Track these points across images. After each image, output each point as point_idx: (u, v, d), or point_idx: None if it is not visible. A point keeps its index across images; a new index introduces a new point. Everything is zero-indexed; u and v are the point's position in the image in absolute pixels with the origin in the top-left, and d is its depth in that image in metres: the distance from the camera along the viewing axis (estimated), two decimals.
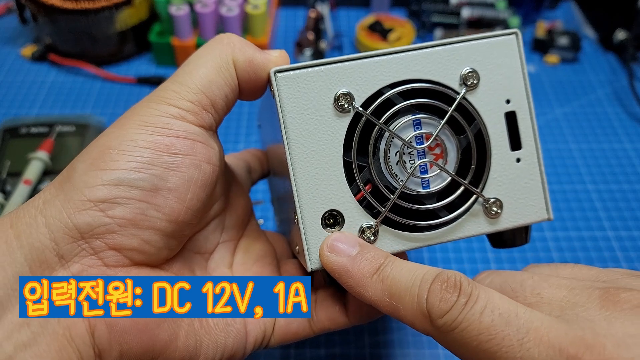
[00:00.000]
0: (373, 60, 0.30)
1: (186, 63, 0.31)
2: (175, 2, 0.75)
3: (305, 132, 0.30)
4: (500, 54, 0.32)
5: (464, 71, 0.31)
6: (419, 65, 0.31)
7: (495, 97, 0.32)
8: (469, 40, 0.31)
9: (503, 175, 0.33)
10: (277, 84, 0.30)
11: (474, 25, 0.83)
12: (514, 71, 0.32)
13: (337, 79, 0.30)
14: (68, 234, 0.27)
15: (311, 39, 0.81)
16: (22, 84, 0.78)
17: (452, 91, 0.31)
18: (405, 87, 0.31)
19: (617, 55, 0.84)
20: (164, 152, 0.28)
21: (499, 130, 0.33)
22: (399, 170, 0.31)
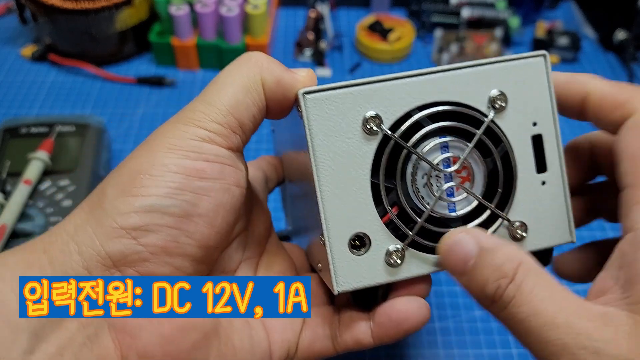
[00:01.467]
0: (402, 81, 0.30)
1: (214, 82, 0.30)
2: (175, 2, 0.75)
3: (333, 154, 0.30)
4: (528, 77, 0.31)
5: (493, 94, 0.31)
6: (448, 87, 0.30)
7: (522, 119, 0.32)
8: (497, 62, 0.31)
9: (528, 198, 0.33)
10: (305, 105, 0.29)
11: (473, 25, 0.83)
12: (542, 94, 0.32)
13: (365, 100, 0.30)
14: (100, 262, 0.27)
15: (311, 39, 0.81)
16: (22, 84, 0.78)
17: (480, 114, 0.31)
18: (434, 110, 0.30)
19: (617, 55, 0.84)
20: (195, 176, 0.28)
21: (525, 152, 0.32)
22: (426, 193, 0.31)
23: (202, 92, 0.30)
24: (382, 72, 0.79)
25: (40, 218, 0.54)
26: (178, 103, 0.75)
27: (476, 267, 0.27)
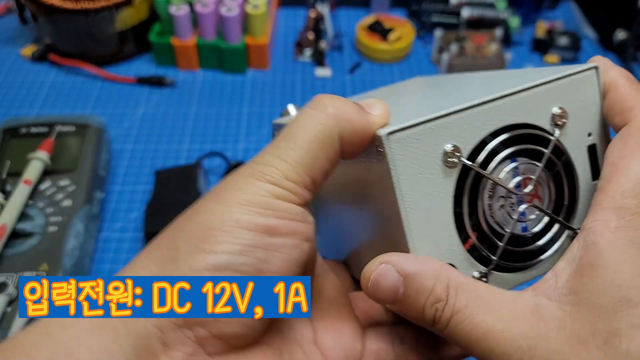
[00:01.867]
0: (475, 110, 0.30)
1: (288, 134, 0.29)
2: (175, 2, 0.75)
3: (417, 192, 0.29)
4: (583, 90, 0.32)
5: (555, 111, 0.31)
6: (515, 110, 0.30)
7: (580, 131, 0.32)
8: (556, 80, 0.31)
9: (587, 204, 0.32)
10: (389, 146, 0.28)
11: (473, 25, 0.83)
12: (595, 105, 0.32)
13: (443, 134, 0.29)
14: (173, 322, 0.27)
15: (311, 39, 0.81)
16: (22, 84, 0.78)
17: (546, 132, 0.31)
18: (508, 135, 0.30)
19: (617, 55, 0.84)
20: (267, 233, 0.27)
21: (583, 162, 0.33)
22: (502, 215, 0.31)
23: (275, 142, 0.29)
24: (382, 72, 0.80)
25: (40, 218, 0.54)
26: (178, 103, 0.75)
27: (407, 294, 0.27)
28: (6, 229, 0.52)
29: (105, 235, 0.60)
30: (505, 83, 0.32)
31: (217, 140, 0.70)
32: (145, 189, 0.64)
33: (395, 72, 0.81)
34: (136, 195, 0.64)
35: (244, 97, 0.77)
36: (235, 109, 0.75)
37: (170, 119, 0.73)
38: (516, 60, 0.83)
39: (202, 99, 0.76)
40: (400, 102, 0.38)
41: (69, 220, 0.54)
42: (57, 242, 0.53)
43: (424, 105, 0.33)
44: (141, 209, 0.62)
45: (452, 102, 0.30)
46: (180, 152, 0.69)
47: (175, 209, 0.58)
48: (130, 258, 0.57)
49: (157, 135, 0.71)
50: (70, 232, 0.54)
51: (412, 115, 0.29)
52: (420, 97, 0.38)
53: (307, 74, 0.81)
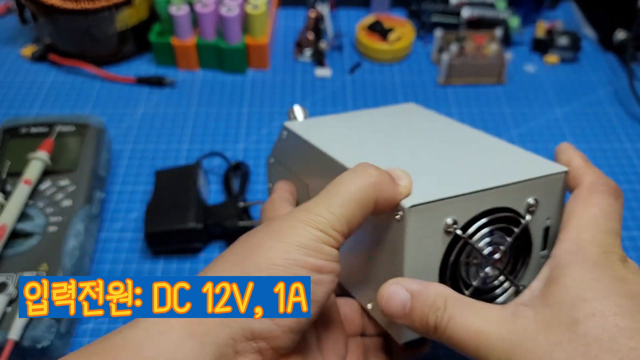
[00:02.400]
0: (476, 195, 0.37)
1: (337, 191, 0.35)
2: (175, 2, 0.75)
3: (419, 248, 0.36)
4: (553, 186, 0.40)
5: (530, 201, 0.39)
6: (503, 197, 0.38)
7: (543, 215, 0.40)
8: (538, 178, 0.39)
9: (533, 269, 0.42)
10: (409, 216, 0.35)
11: (473, 25, 0.83)
12: (558, 196, 0.40)
13: (448, 209, 0.36)
14: (244, 335, 0.33)
15: (311, 39, 0.81)
16: (22, 83, 0.78)
17: (519, 215, 0.39)
18: (493, 216, 0.38)
19: (617, 55, 0.85)
20: (315, 271, 0.34)
21: (538, 237, 0.41)
22: (473, 270, 0.39)
23: (326, 196, 0.35)
24: (382, 72, 0.80)
25: (40, 218, 0.54)
26: (178, 103, 0.76)
27: (414, 307, 0.35)
28: (6, 228, 0.51)
29: (105, 235, 0.60)
30: (495, 161, 0.42)
31: (217, 140, 0.70)
32: (145, 189, 0.64)
33: (395, 72, 0.81)
34: (136, 195, 0.64)
35: (243, 97, 0.77)
36: (235, 109, 0.75)
37: (170, 119, 0.73)
38: (516, 60, 0.83)
39: (202, 99, 0.76)
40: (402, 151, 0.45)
41: (69, 220, 0.54)
42: (57, 242, 0.53)
43: (430, 172, 0.40)
44: (141, 209, 0.62)
45: (455, 177, 0.39)
46: (180, 152, 0.69)
47: (175, 209, 0.58)
48: (130, 258, 0.57)
49: (157, 135, 0.71)
50: (70, 232, 0.54)
51: (423, 185, 0.37)
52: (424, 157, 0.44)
53: (307, 74, 0.81)
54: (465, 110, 0.75)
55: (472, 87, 0.79)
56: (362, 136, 0.48)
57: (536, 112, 0.75)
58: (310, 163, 0.46)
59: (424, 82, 0.79)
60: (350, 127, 0.51)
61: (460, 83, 0.79)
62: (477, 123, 0.73)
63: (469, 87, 0.79)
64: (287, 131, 0.49)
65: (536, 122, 0.74)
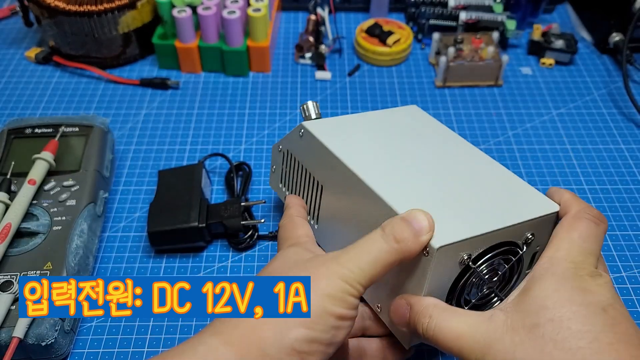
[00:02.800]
0: (488, 234, 0.41)
1: (368, 251, 0.39)
2: (178, 5, 0.76)
3: (437, 277, 0.41)
4: (546, 222, 0.45)
5: (528, 236, 0.44)
6: (508, 233, 0.43)
7: (535, 244, 0.45)
8: (538, 218, 0.44)
9: None
10: (435, 255, 0.39)
11: (471, 28, 0.84)
12: (549, 230, 0.44)
13: (466, 246, 0.41)
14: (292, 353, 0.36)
15: (311, 42, 0.82)
16: (27, 85, 0.80)
17: (517, 246, 0.44)
18: (499, 250, 0.43)
19: (613, 57, 0.85)
20: (340, 319, 0.37)
21: (526, 260, 0.46)
22: (474, 290, 0.44)
23: (358, 252, 0.39)
24: (381, 75, 0.81)
25: (45, 217, 0.55)
26: (181, 105, 0.77)
27: (411, 316, 0.40)
28: (11, 227, 0.52)
29: (108, 234, 0.61)
30: (500, 196, 0.46)
31: (219, 141, 0.72)
32: (148, 189, 0.66)
33: (394, 74, 0.82)
34: (139, 195, 0.65)
35: (245, 100, 0.78)
36: (236, 111, 0.76)
37: (173, 121, 0.75)
38: (513, 62, 0.84)
39: (205, 101, 0.77)
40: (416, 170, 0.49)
41: (73, 219, 0.55)
42: (62, 241, 0.53)
43: (447, 204, 0.44)
44: (144, 209, 0.63)
45: (470, 214, 0.43)
46: (182, 153, 0.70)
47: (178, 208, 0.59)
48: (133, 257, 0.58)
49: (160, 136, 0.72)
50: (75, 232, 0.54)
51: (445, 221, 0.40)
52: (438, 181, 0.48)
53: (307, 77, 0.82)
54: (463, 112, 0.76)
55: (469, 89, 0.80)
56: (375, 145, 0.51)
57: (532, 114, 0.76)
58: (326, 167, 0.49)
59: (421, 85, 0.80)
60: (363, 133, 0.53)
61: (458, 85, 0.80)
62: (474, 125, 0.74)
63: (466, 89, 0.80)
64: (304, 130, 0.51)
65: (532, 123, 0.75)
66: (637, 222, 0.63)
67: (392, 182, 0.45)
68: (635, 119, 0.76)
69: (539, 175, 0.68)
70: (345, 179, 0.46)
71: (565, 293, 0.36)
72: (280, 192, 0.57)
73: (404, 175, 0.47)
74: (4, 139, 0.63)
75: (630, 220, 0.63)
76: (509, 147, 0.71)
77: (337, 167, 0.47)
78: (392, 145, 0.52)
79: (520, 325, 0.36)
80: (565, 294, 0.36)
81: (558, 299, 0.36)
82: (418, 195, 0.44)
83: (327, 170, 0.49)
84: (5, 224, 0.52)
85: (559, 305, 0.36)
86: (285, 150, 0.54)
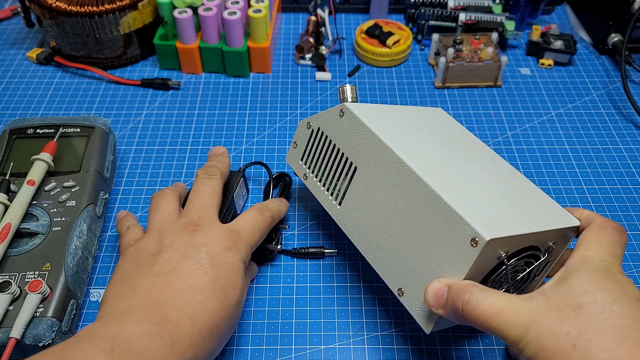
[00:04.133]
0: (530, 235, 0.43)
1: None
2: (179, 6, 0.76)
3: (474, 271, 0.42)
4: (567, 235, 0.47)
5: (551, 244, 0.46)
6: (536, 239, 0.44)
7: (552, 254, 0.47)
8: (558, 229, 0.46)
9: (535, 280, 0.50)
10: (483, 246, 0.40)
11: (470, 29, 0.84)
12: (566, 244, 0.48)
13: (506, 243, 0.42)
14: None
15: (311, 42, 0.83)
16: (28, 86, 0.80)
17: (540, 252, 0.46)
18: (530, 253, 0.45)
19: (611, 58, 0.86)
20: None
21: (540, 268, 0.49)
22: (503, 280, 0.45)
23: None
24: (381, 76, 0.81)
25: (45, 218, 0.55)
26: (182, 106, 0.77)
27: (449, 297, 0.41)
28: (11, 227, 0.52)
29: (109, 234, 0.61)
30: (530, 204, 0.48)
31: (220, 142, 0.72)
32: (149, 190, 0.66)
33: (394, 75, 0.82)
34: (140, 196, 0.65)
35: (245, 100, 0.78)
36: (237, 111, 0.77)
37: (174, 121, 0.75)
38: (512, 63, 0.84)
39: (205, 102, 0.78)
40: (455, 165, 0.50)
41: (72, 220, 0.55)
42: (61, 242, 0.54)
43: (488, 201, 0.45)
44: (145, 209, 0.64)
45: (510, 215, 0.45)
46: (183, 154, 0.70)
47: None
48: None
49: (161, 137, 0.73)
50: (74, 232, 0.54)
51: (490, 215, 0.43)
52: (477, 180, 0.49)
53: (307, 78, 0.82)
54: (463, 112, 0.77)
55: (468, 90, 0.80)
56: (416, 136, 0.52)
57: (531, 114, 0.76)
58: (366, 149, 0.49)
59: (421, 85, 0.81)
60: (402, 123, 0.53)
61: (457, 86, 0.80)
62: (473, 125, 0.74)
63: (465, 89, 0.80)
64: (345, 111, 0.51)
65: (531, 124, 0.75)
66: (635, 222, 0.63)
67: (437, 171, 0.46)
68: (634, 120, 0.76)
69: (538, 175, 0.68)
70: (388, 164, 0.47)
71: (603, 282, 0.39)
72: (299, 168, 0.57)
73: (446, 166, 0.48)
74: (5, 139, 0.63)
75: (629, 220, 0.63)
76: (508, 147, 0.72)
77: (380, 151, 0.48)
78: (431, 140, 0.52)
79: (564, 305, 0.38)
80: (604, 283, 0.39)
81: (598, 286, 0.39)
82: (462, 186, 0.46)
83: (366, 153, 0.49)
84: (4, 224, 0.52)
85: (600, 291, 0.38)
86: (316, 127, 0.54)
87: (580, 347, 0.36)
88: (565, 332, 0.37)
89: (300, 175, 0.56)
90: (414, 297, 0.45)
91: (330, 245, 0.60)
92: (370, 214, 0.49)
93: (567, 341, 0.36)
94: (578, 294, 0.39)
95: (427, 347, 0.52)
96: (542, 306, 0.38)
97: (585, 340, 0.36)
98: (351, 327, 0.54)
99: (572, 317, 0.37)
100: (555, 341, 0.36)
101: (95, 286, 0.57)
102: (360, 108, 0.51)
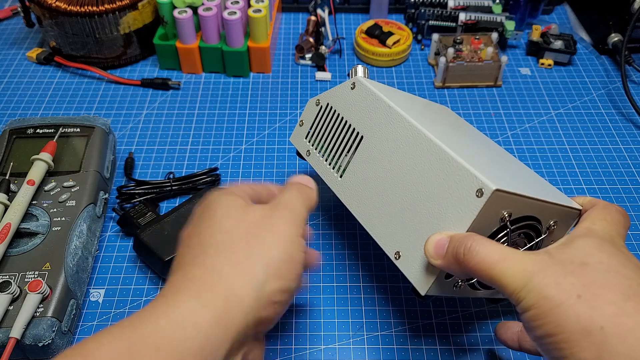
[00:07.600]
0: (534, 202, 0.43)
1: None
2: (179, 6, 0.76)
3: (476, 229, 0.41)
4: (570, 217, 0.48)
5: (551, 222, 0.46)
6: (543, 210, 0.45)
7: (552, 234, 0.48)
8: (565, 206, 0.46)
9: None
10: (489, 197, 0.40)
11: (470, 29, 0.84)
12: (566, 228, 0.49)
13: (512, 204, 0.42)
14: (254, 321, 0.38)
15: (311, 42, 0.83)
16: (28, 86, 0.80)
17: (542, 227, 0.46)
18: (530, 222, 0.45)
19: (611, 58, 0.86)
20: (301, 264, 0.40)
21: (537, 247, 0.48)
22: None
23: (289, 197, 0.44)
24: (381, 76, 0.81)
25: (45, 218, 0.55)
26: (182, 106, 0.77)
27: (450, 247, 0.40)
28: (10, 227, 0.52)
29: (109, 234, 0.61)
30: (538, 181, 0.51)
31: (220, 142, 0.72)
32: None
33: (394, 75, 0.82)
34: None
35: (245, 100, 0.78)
36: (237, 111, 0.77)
37: (174, 121, 0.75)
38: (512, 63, 0.84)
39: (205, 102, 0.78)
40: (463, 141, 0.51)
41: (72, 220, 0.55)
42: (61, 241, 0.54)
43: (496, 168, 0.46)
44: None
45: (518, 181, 0.46)
46: (183, 153, 0.70)
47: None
48: (132, 258, 0.59)
49: (161, 136, 0.73)
50: (74, 232, 0.55)
51: (496, 174, 0.43)
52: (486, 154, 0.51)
53: (307, 77, 0.82)
54: (463, 112, 0.77)
55: (468, 90, 0.80)
56: (425, 113, 0.54)
57: (532, 113, 0.77)
58: (376, 118, 0.50)
59: (421, 85, 0.81)
60: (412, 102, 0.55)
61: (457, 86, 0.80)
62: (473, 125, 0.74)
63: (465, 89, 0.80)
64: (357, 83, 0.53)
65: (531, 124, 0.75)
66: (635, 222, 0.63)
67: (444, 138, 0.46)
68: (634, 119, 0.76)
69: (538, 174, 0.68)
70: (397, 128, 0.48)
71: (608, 248, 0.39)
72: (302, 146, 0.57)
73: (454, 139, 0.48)
74: (5, 139, 0.63)
75: (629, 220, 0.63)
76: (508, 147, 0.72)
77: (389, 117, 0.49)
78: (438, 121, 0.53)
79: (569, 261, 0.37)
80: (609, 249, 0.39)
81: (604, 250, 0.38)
82: (474, 154, 0.46)
83: (374, 121, 0.50)
84: (4, 224, 0.53)
85: (605, 254, 0.38)
86: (325, 103, 0.55)
87: (586, 298, 0.34)
88: (570, 282, 0.35)
89: (302, 153, 0.57)
90: (412, 259, 0.45)
91: (330, 245, 0.60)
92: (372, 182, 0.49)
93: (571, 291, 0.35)
94: (584, 254, 0.38)
95: (427, 347, 0.52)
96: (546, 260, 0.37)
97: (590, 293, 0.35)
98: (351, 327, 0.54)
99: (577, 271, 0.36)
100: (559, 290, 0.35)
101: (95, 286, 0.57)
102: (371, 82, 0.53)
